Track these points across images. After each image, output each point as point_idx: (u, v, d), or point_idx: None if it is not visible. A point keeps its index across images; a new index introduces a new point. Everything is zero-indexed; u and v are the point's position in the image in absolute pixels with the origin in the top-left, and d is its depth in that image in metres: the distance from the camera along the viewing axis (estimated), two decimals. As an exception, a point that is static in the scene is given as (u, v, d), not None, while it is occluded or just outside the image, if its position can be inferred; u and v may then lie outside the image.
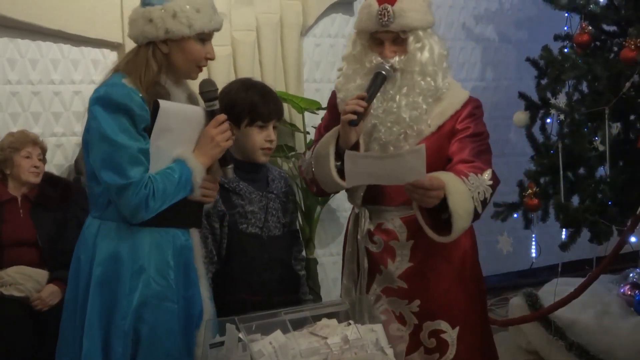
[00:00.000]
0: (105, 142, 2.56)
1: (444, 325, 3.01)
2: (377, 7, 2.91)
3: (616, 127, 4.58)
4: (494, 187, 2.92)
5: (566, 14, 4.95)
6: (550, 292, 4.78)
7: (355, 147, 2.90)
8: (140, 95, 2.61)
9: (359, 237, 3.05)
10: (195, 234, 2.82)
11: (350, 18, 5.56)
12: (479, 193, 2.86)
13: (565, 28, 4.98)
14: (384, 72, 2.89)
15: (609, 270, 4.73)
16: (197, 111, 2.73)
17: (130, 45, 4.60)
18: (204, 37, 2.70)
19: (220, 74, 4.89)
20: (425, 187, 2.73)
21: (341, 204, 5.52)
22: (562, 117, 4.69)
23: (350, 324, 2.67)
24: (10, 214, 4.12)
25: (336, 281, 5.53)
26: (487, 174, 2.91)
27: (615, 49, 4.75)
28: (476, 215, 2.87)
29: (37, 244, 4.10)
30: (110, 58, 4.74)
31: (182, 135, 2.67)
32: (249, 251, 3.15)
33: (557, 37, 5.03)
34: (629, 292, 4.73)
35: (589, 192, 4.61)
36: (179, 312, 2.72)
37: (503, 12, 6.39)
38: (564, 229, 4.71)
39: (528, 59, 4.98)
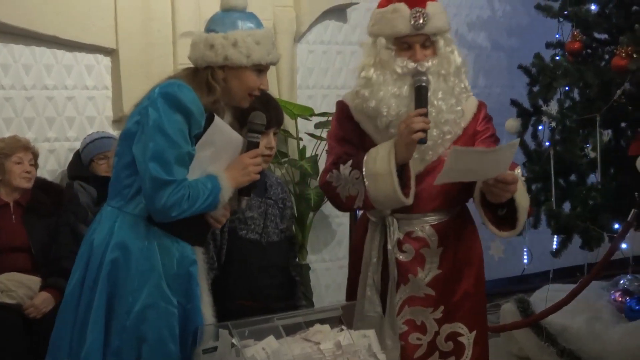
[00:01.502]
0: (162, 136, 2.61)
1: (462, 328, 3.02)
2: (408, 10, 2.89)
3: (607, 135, 4.61)
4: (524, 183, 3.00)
5: (558, 22, 4.99)
6: (541, 298, 4.80)
7: (406, 164, 2.91)
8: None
9: (389, 247, 3.00)
10: (199, 250, 2.83)
11: (343, 25, 5.58)
12: None
13: (557, 36, 5.01)
14: (424, 84, 2.88)
15: (600, 277, 4.75)
16: (238, 138, 2.79)
17: (124, 51, 4.68)
18: (261, 69, 2.77)
19: (214, 80, 4.91)
20: (507, 181, 2.80)
21: (333, 211, 5.52)
22: (553, 124, 4.72)
23: (343, 329, 2.67)
24: (2, 220, 4.11)
25: (328, 287, 5.55)
26: (518, 170, 2.97)
27: (607, 56, 4.78)
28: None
29: (30, 250, 4.09)
30: (103, 63, 4.75)
31: (219, 154, 2.74)
32: (248, 257, 3.15)
33: (548, 45, 5.06)
34: (620, 299, 4.75)
35: (581, 199, 4.63)
36: (179, 319, 2.72)
37: (495, 20, 6.42)
38: (555, 236, 4.74)
39: (520, 66, 5.00)
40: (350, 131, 3.05)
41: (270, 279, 3.21)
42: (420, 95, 2.87)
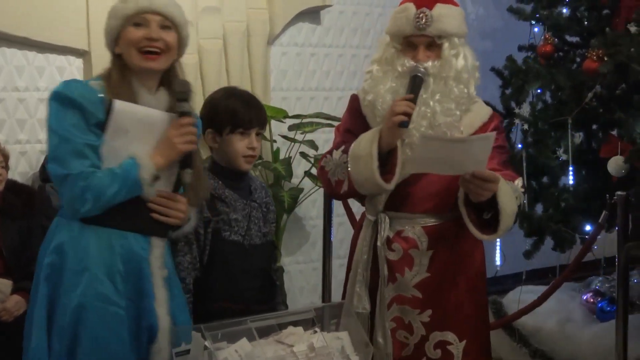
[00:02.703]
0: (53, 135, 2.65)
1: (451, 336, 3.00)
2: (414, 10, 2.91)
3: (579, 137, 4.65)
4: (523, 194, 2.99)
5: (530, 25, 5.02)
6: (514, 299, 4.83)
7: (394, 150, 2.90)
8: (101, 95, 2.65)
9: (378, 244, 3.02)
10: (157, 245, 2.78)
11: (317, 27, 5.57)
12: (516, 197, 2.93)
13: (529, 39, 5.04)
14: (420, 75, 2.88)
15: (572, 278, 4.79)
16: (159, 114, 2.72)
17: (96, 52, 4.64)
18: (138, 22, 2.71)
19: (187, 82, 4.89)
20: (485, 178, 2.77)
21: (307, 213, 5.53)
22: (526, 126, 4.75)
23: (316, 331, 2.67)
24: (-27, 222, 4.08)
25: (302, 289, 5.55)
26: (518, 182, 2.97)
27: (578, 59, 4.82)
28: (515, 219, 2.95)
29: (1, 252, 4.05)
30: (75, 65, 4.71)
31: (141, 138, 2.67)
32: (230, 259, 3.14)
33: (521, 48, 5.09)
34: (592, 300, 4.79)
35: (553, 201, 4.66)
36: (129, 320, 2.70)
37: (468, 23, 6.32)
38: (528, 237, 4.76)
39: (492, 69, 5.02)
40: (357, 124, 3.07)
41: (252, 282, 3.20)
42: (413, 84, 2.87)
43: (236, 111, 3.15)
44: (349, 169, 2.93)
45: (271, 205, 3.36)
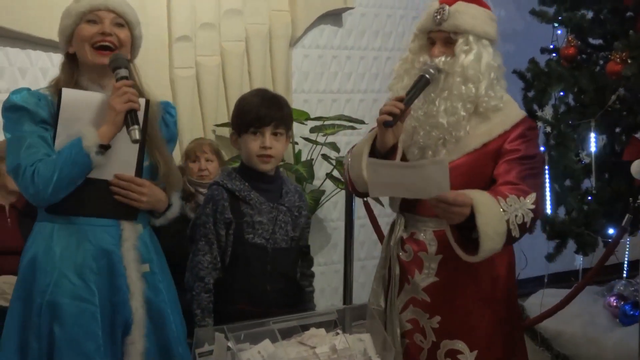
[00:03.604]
0: (8, 140, 2.73)
1: (461, 346, 2.94)
2: (436, 6, 2.93)
3: (602, 140, 4.63)
4: (536, 212, 2.80)
5: (553, 27, 5.01)
6: (536, 303, 4.81)
7: (393, 150, 2.87)
8: (50, 98, 2.73)
9: (391, 243, 3.03)
10: (129, 237, 2.79)
11: (338, 29, 5.58)
12: (516, 216, 2.74)
13: (552, 41, 5.03)
14: (427, 76, 2.86)
15: (595, 282, 4.77)
16: (98, 95, 2.75)
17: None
18: (91, 19, 2.76)
19: (209, 84, 4.91)
20: (448, 202, 2.64)
21: (328, 214, 5.54)
22: (548, 129, 4.74)
23: (338, 333, 2.68)
24: (-3, 222, 4.12)
25: (323, 291, 5.55)
26: (530, 198, 2.79)
27: (601, 62, 4.80)
28: (511, 239, 2.76)
29: (25, 252, 4.09)
30: (99, 67, 4.75)
31: (94, 121, 2.70)
32: (252, 261, 3.12)
33: (543, 50, 5.08)
34: (615, 304, 4.77)
35: (575, 204, 4.64)
36: (102, 316, 2.72)
37: None
38: (550, 240, 4.75)
39: (515, 71, 5.01)
40: None
41: (273, 286, 3.18)
42: (416, 84, 2.86)
43: (246, 110, 3.14)
44: (349, 166, 2.99)
45: (304, 209, 3.31)
